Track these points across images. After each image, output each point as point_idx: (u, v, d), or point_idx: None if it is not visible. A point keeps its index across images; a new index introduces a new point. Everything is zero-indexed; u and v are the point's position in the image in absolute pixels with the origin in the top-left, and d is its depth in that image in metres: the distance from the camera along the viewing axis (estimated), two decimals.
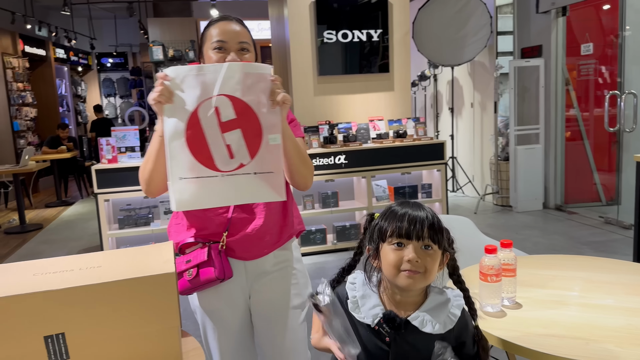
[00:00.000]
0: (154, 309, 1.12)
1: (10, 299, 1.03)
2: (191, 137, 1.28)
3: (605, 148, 5.94)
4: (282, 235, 1.58)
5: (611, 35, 5.53)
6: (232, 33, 1.46)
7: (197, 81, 1.28)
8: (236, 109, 1.30)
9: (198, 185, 1.30)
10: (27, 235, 6.07)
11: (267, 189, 1.35)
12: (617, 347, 1.23)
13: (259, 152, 1.33)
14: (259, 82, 1.31)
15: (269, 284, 1.57)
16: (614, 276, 1.67)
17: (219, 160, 1.30)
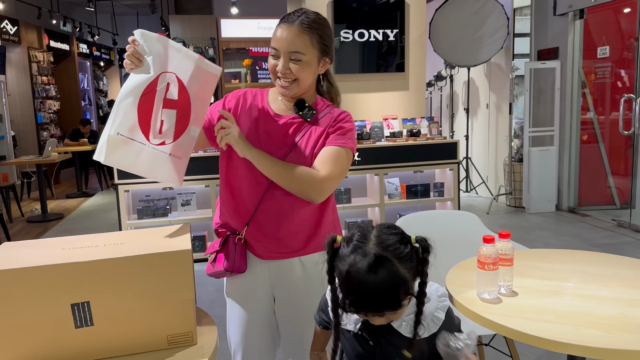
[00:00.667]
0: (170, 282, 1.22)
1: (41, 269, 1.14)
2: (144, 100, 1.36)
3: (621, 152, 5.92)
4: (308, 244, 1.55)
5: (631, 39, 5.52)
6: (283, 41, 1.46)
7: (164, 52, 1.36)
8: (180, 92, 1.40)
9: (127, 146, 1.36)
10: (49, 224, 6.26)
11: (171, 172, 1.43)
12: (605, 333, 1.30)
13: (180, 138, 1.42)
14: (205, 78, 1.43)
15: (294, 290, 1.57)
16: (611, 270, 1.73)
17: (152, 131, 1.38)
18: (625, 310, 1.42)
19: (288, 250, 1.54)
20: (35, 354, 1.17)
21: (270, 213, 1.52)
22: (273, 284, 1.58)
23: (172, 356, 1.21)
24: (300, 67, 1.46)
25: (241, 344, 1.61)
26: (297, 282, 1.56)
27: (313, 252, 1.56)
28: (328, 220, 1.60)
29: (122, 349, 1.22)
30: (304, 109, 1.53)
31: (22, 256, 1.21)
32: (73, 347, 1.18)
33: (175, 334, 1.24)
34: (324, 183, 1.47)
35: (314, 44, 1.47)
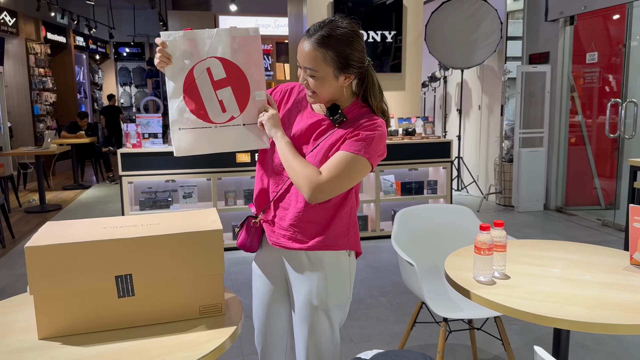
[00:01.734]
0: (203, 258, 1.36)
1: (89, 244, 1.28)
2: (188, 94, 1.52)
3: (607, 154, 6.14)
4: (314, 241, 1.58)
5: (619, 45, 5.73)
6: (300, 55, 1.51)
7: (191, 45, 1.50)
8: (226, 69, 1.52)
9: (194, 135, 1.55)
10: (47, 215, 6.34)
11: (253, 138, 1.59)
12: (587, 310, 1.46)
13: (247, 107, 1.56)
14: (246, 44, 1.52)
15: (299, 278, 1.63)
16: (594, 258, 1.90)
17: (213, 113, 1.54)
18: (605, 292, 1.59)
19: (292, 242, 1.60)
20: (82, 320, 1.31)
21: (284, 204, 1.61)
22: (287, 267, 1.68)
23: (203, 324, 1.35)
24: (315, 82, 1.50)
25: (259, 311, 1.75)
26: (303, 270, 1.62)
27: (318, 249, 1.58)
28: (341, 223, 1.60)
29: (159, 317, 1.36)
30: (336, 114, 1.56)
31: (69, 233, 1.35)
32: (116, 315, 1.33)
33: (206, 304, 1.39)
34: (319, 186, 1.46)
35: (327, 61, 1.47)
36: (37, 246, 1.24)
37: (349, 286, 1.66)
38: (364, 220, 5.01)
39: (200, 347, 1.23)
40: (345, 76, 1.52)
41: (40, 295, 1.27)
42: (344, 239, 1.61)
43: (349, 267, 1.65)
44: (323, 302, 1.61)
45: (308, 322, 1.63)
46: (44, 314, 1.28)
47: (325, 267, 1.60)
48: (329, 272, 1.61)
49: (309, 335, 1.63)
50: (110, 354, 1.20)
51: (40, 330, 1.28)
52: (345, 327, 3.13)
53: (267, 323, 1.75)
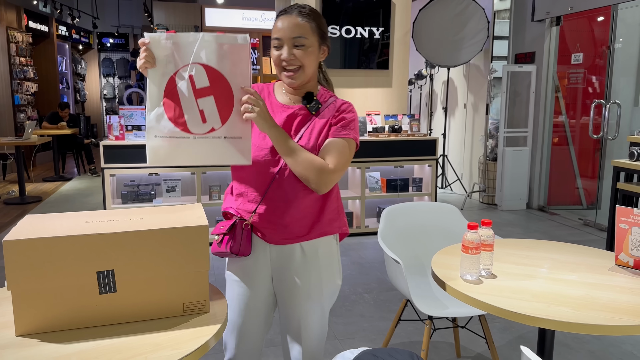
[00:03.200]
0: (188, 254, 1.33)
1: (70, 238, 1.24)
2: (168, 100, 1.43)
3: (589, 155, 6.22)
4: (311, 230, 1.61)
5: (603, 47, 5.79)
6: (285, 29, 1.51)
7: (175, 49, 1.40)
8: (210, 77, 1.42)
9: (171, 144, 1.44)
10: (27, 206, 6.22)
11: (235, 152, 1.47)
12: (573, 310, 1.46)
13: (230, 118, 1.45)
14: (234, 52, 1.42)
15: (292, 274, 1.63)
16: (580, 258, 1.91)
17: (192, 123, 1.43)
18: (590, 292, 1.59)
19: (292, 236, 1.61)
20: (62, 317, 1.26)
21: (276, 200, 1.59)
22: (273, 266, 1.67)
23: (187, 322, 1.32)
24: (303, 52, 1.52)
25: (237, 320, 1.70)
26: (296, 265, 1.63)
27: (316, 237, 1.62)
28: (332, 207, 1.65)
29: (142, 314, 1.32)
30: (312, 101, 1.59)
31: (49, 227, 1.30)
32: (97, 312, 1.28)
33: (190, 302, 1.36)
34: (330, 175, 1.51)
35: (313, 30, 1.54)
36: (15, 240, 1.19)
37: (340, 272, 1.71)
38: (349, 217, 5.00)
39: (184, 345, 1.20)
40: (323, 49, 1.60)
41: (18, 291, 1.22)
42: (337, 222, 1.67)
43: (337, 252, 1.71)
44: (318, 294, 1.64)
45: (303, 316, 1.65)
46: (22, 310, 1.23)
47: (319, 256, 1.63)
48: (323, 262, 1.64)
49: (303, 329, 1.66)
50: (91, 351, 1.17)
51: (18, 327, 1.24)
52: (329, 324, 3.11)
53: (244, 329, 1.70)
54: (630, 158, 3.77)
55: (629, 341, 2.93)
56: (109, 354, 1.15)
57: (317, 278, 1.64)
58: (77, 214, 1.45)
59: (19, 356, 1.14)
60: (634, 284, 1.66)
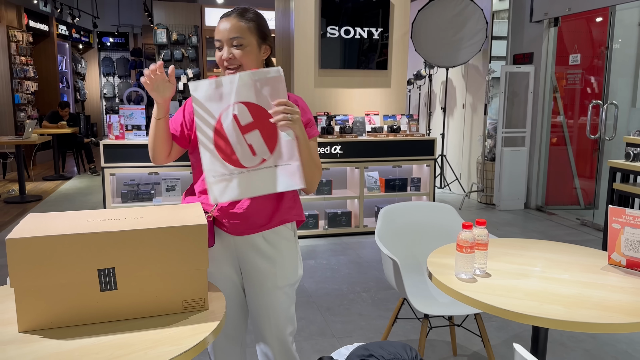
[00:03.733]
0: (187, 253, 1.35)
1: (72, 236, 1.26)
2: (218, 142, 1.53)
3: (587, 155, 6.25)
4: (272, 219, 1.69)
5: (602, 47, 5.82)
6: (223, 32, 1.61)
7: (217, 93, 1.51)
8: (252, 113, 1.51)
9: (229, 181, 1.54)
10: (27, 205, 6.25)
11: (288, 178, 1.55)
12: (565, 308, 1.49)
13: (276, 147, 1.54)
14: (268, 84, 1.50)
15: (257, 263, 1.71)
16: (573, 257, 1.94)
17: (244, 158, 1.53)
18: (582, 291, 1.62)
19: (254, 227, 1.68)
20: (64, 313, 1.29)
21: None
22: (239, 257, 1.73)
23: (186, 319, 1.35)
24: (242, 52, 1.61)
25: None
26: (260, 255, 1.71)
27: (277, 225, 1.70)
28: (289, 195, 1.73)
29: (142, 311, 1.35)
30: None
31: (51, 225, 1.33)
32: (98, 308, 1.31)
33: (189, 299, 1.39)
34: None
35: (251, 30, 1.62)
36: (18, 238, 1.22)
37: (300, 260, 1.81)
38: (347, 217, 5.03)
39: (184, 341, 1.23)
40: (265, 48, 1.67)
41: (21, 288, 1.25)
42: (295, 210, 1.75)
43: (296, 239, 1.80)
44: (284, 281, 1.73)
45: (271, 304, 1.73)
46: (24, 306, 1.26)
47: (281, 244, 1.72)
48: (285, 249, 1.74)
49: (272, 317, 1.74)
50: (91, 347, 1.19)
51: (21, 324, 1.26)
52: (327, 322, 3.14)
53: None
54: (627, 159, 3.80)
55: (624, 340, 2.96)
56: (110, 350, 1.18)
57: (282, 265, 1.73)
58: (78, 213, 1.48)
59: (21, 352, 1.17)
60: (625, 283, 1.69)
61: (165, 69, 1.55)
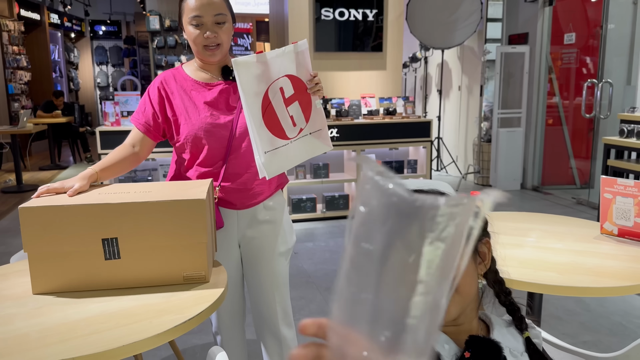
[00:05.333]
0: (186, 226, 1.38)
1: (77, 207, 1.33)
2: (267, 117, 1.54)
3: (583, 135, 6.27)
4: (270, 186, 1.75)
5: (597, 27, 5.82)
6: (207, 6, 1.56)
7: (263, 68, 1.51)
8: (294, 85, 1.57)
9: (278, 154, 1.57)
10: (24, 195, 6.25)
11: (319, 144, 1.65)
12: (559, 274, 1.52)
13: (311, 116, 1.62)
14: (304, 57, 1.58)
15: (259, 232, 1.76)
16: (567, 228, 1.97)
17: (288, 130, 1.58)
18: (576, 258, 1.65)
19: (258, 197, 1.73)
20: (73, 279, 1.36)
21: (238, 169, 1.68)
22: (240, 232, 1.76)
23: (188, 290, 1.38)
24: (224, 30, 1.60)
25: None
26: (263, 223, 1.76)
27: (275, 191, 1.78)
28: None
29: (144, 281, 1.38)
30: (230, 72, 1.66)
31: (62, 197, 1.41)
32: (103, 276, 1.36)
33: (190, 272, 1.41)
34: None
35: (227, 6, 1.62)
36: (28, 207, 1.30)
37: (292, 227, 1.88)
38: (345, 199, 5.06)
39: (187, 310, 1.26)
40: (233, 24, 1.67)
41: (33, 253, 1.33)
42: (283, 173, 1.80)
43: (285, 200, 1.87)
44: (285, 246, 1.81)
45: (274, 271, 1.79)
46: (37, 271, 1.34)
47: (277, 210, 1.78)
48: (283, 214, 1.80)
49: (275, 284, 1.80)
50: (97, 317, 1.22)
51: (35, 286, 1.35)
52: (326, 301, 3.19)
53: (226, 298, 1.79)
54: (621, 135, 3.84)
55: (618, 312, 3.01)
56: (115, 319, 1.21)
57: (282, 230, 1.79)
58: (93, 187, 1.55)
59: (28, 323, 1.20)
60: (617, 251, 1.72)
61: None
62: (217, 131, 1.64)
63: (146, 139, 1.70)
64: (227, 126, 1.64)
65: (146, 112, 1.69)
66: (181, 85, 1.68)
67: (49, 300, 1.32)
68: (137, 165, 1.74)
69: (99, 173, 1.58)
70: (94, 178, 1.56)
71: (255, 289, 1.83)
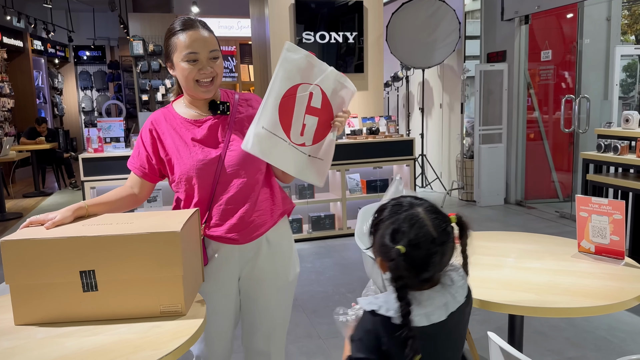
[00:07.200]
0: (161, 259, 1.37)
1: (55, 240, 1.34)
2: (284, 103, 1.54)
3: (564, 148, 6.37)
4: (272, 216, 1.69)
5: (573, 43, 5.96)
6: (202, 43, 1.56)
7: (308, 67, 1.55)
8: (323, 102, 1.58)
9: (271, 141, 1.53)
10: (8, 223, 6.18)
11: (313, 172, 1.62)
12: (537, 295, 1.54)
13: (320, 142, 1.61)
14: (344, 93, 1.62)
15: (260, 265, 1.69)
16: (545, 247, 1.99)
17: (293, 131, 1.56)
18: (553, 278, 1.67)
19: (260, 230, 1.66)
20: (53, 311, 1.37)
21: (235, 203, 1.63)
22: (241, 266, 1.69)
23: (166, 324, 1.36)
24: (218, 64, 1.61)
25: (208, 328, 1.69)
26: (263, 258, 1.69)
27: (278, 220, 1.72)
28: (277, 186, 1.76)
29: (122, 314, 1.38)
30: (218, 106, 1.65)
31: (43, 229, 1.42)
32: (82, 308, 1.37)
33: (166, 305, 1.40)
34: None
35: (217, 42, 1.63)
36: (9, 240, 1.33)
37: (297, 258, 1.82)
38: (330, 219, 5.06)
39: (163, 345, 1.24)
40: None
41: (14, 285, 1.35)
42: (287, 199, 1.78)
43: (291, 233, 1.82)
44: (285, 281, 1.75)
45: (282, 303, 1.75)
46: (18, 302, 1.36)
47: (282, 240, 1.74)
48: (286, 245, 1.76)
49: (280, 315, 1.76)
50: (74, 356, 1.21)
51: (16, 318, 1.37)
52: (313, 324, 3.17)
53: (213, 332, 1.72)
54: (598, 150, 3.90)
55: (603, 327, 3.03)
56: (92, 357, 1.20)
57: (284, 263, 1.74)
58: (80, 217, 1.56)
59: None
60: (594, 269, 1.74)
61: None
62: (207, 168, 1.61)
63: (144, 182, 1.69)
64: (215, 161, 1.61)
65: (140, 155, 1.68)
66: (171, 124, 1.66)
67: (24, 336, 1.30)
68: (137, 206, 1.72)
69: (89, 207, 1.57)
70: (82, 212, 1.54)
71: (251, 325, 1.76)
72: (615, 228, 1.79)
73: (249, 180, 1.63)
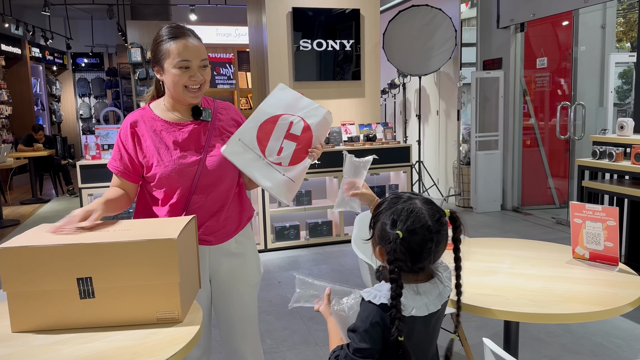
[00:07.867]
0: (157, 266, 1.38)
1: (52, 247, 1.35)
2: (263, 127, 1.72)
3: (560, 155, 6.40)
4: (241, 220, 1.82)
5: (569, 50, 6.00)
6: (195, 51, 1.62)
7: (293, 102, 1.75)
8: (303, 132, 1.74)
9: (244, 153, 1.69)
10: (5, 230, 6.17)
11: (283, 190, 1.74)
12: (531, 301, 1.56)
13: (296, 165, 1.75)
14: (325, 124, 1.78)
15: (230, 265, 1.81)
16: (540, 253, 2.01)
17: (269, 151, 1.72)
18: (548, 284, 1.69)
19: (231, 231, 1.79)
20: (50, 318, 1.37)
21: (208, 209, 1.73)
22: (211, 267, 1.80)
23: (163, 331, 1.37)
24: (207, 72, 1.69)
25: None
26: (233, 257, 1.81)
27: (245, 224, 1.84)
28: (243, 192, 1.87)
29: (119, 321, 1.39)
30: (201, 112, 1.72)
31: (40, 236, 1.43)
32: (79, 315, 1.37)
33: (163, 312, 1.41)
34: None
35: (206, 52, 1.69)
36: (6, 247, 1.34)
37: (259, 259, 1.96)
38: (328, 226, 5.07)
39: (160, 352, 1.25)
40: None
41: (11, 293, 1.36)
42: (250, 205, 1.89)
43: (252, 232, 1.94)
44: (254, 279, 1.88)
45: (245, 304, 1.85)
46: (16, 309, 1.36)
47: (247, 243, 1.85)
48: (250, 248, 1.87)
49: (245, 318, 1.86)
50: None
51: (13, 325, 1.37)
52: (310, 331, 3.17)
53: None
54: (593, 157, 3.92)
55: (599, 333, 3.04)
56: None
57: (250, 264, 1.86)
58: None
59: None
60: (588, 275, 1.76)
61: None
62: (188, 171, 1.67)
63: (127, 182, 1.73)
64: (195, 165, 1.68)
65: (122, 158, 1.71)
66: (151, 126, 1.69)
67: (21, 343, 1.31)
68: (130, 204, 1.77)
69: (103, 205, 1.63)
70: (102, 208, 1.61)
71: (226, 323, 1.86)
72: (609, 234, 1.80)
73: (225, 184, 1.73)
